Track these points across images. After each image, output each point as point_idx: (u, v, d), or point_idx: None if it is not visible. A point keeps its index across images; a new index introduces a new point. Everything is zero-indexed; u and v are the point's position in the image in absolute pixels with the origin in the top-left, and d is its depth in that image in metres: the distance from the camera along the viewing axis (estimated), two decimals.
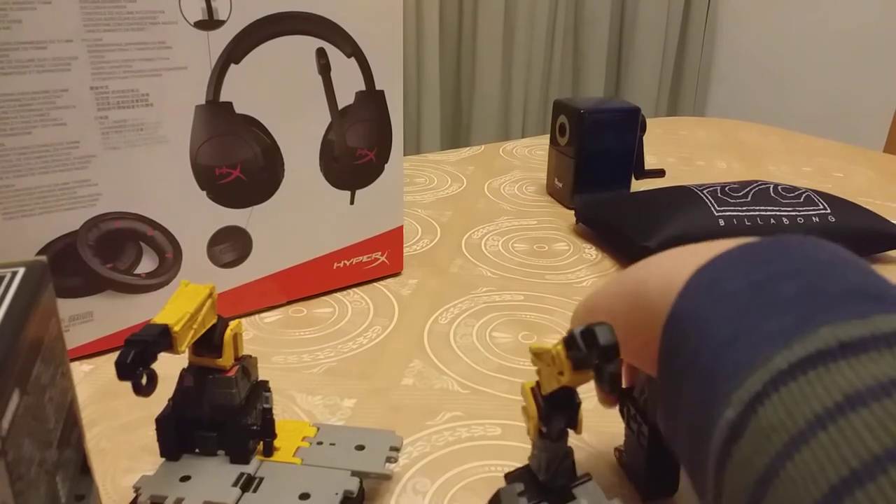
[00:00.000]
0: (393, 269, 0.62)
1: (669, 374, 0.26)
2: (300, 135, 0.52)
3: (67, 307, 0.47)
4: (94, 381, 0.47)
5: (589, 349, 0.26)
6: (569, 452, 0.31)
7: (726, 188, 0.67)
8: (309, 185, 0.54)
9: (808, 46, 2.32)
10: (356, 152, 0.55)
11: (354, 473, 0.34)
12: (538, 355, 0.30)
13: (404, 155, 0.60)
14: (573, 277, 0.63)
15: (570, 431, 0.31)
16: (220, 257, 0.52)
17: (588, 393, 0.44)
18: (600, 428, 0.43)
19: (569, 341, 0.26)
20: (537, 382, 0.31)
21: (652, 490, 0.37)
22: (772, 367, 0.21)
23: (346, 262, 0.58)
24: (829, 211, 0.65)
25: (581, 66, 2.43)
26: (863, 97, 2.21)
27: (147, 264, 0.49)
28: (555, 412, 0.30)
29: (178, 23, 0.45)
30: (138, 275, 0.48)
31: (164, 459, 0.34)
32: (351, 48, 0.52)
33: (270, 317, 0.55)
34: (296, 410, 0.44)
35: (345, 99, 0.53)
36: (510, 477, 0.33)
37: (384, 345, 0.52)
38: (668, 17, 2.47)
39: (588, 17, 2.34)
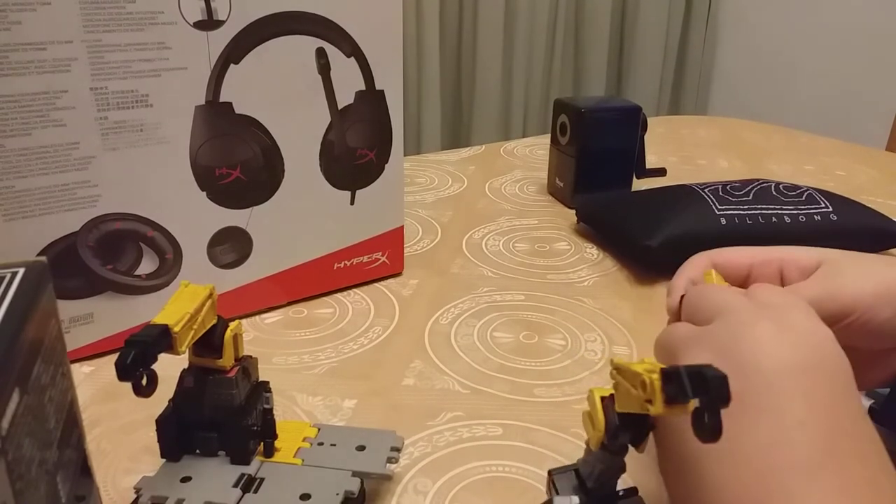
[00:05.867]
0: (394, 270, 0.62)
1: None
2: (300, 135, 0.52)
3: (68, 309, 0.47)
4: (94, 382, 0.47)
5: (695, 393, 0.23)
6: (623, 466, 0.30)
7: (728, 187, 0.66)
8: (309, 185, 0.54)
9: (810, 44, 2.32)
10: (356, 152, 0.55)
11: (355, 474, 0.34)
12: (621, 372, 0.27)
13: (405, 155, 0.60)
14: (574, 277, 0.63)
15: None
16: (221, 258, 0.52)
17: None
18: None
19: (670, 376, 0.24)
20: (611, 394, 0.28)
21: None
22: None
23: (346, 262, 0.58)
24: (831, 209, 0.65)
25: (582, 64, 2.42)
26: (865, 95, 2.20)
27: (147, 265, 0.49)
28: (623, 430, 0.28)
29: (178, 23, 0.45)
30: (138, 276, 0.48)
31: (164, 460, 0.34)
32: (351, 48, 0.52)
33: (271, 317, 0.55)
34: (296, 411, 0.44)
35: (345, 99, 0.53)
36: (555, 472, 0.32)
37: (385, 345, 0.52)
38: (670, 15, 2.47)
39: (589, 16, 2.34)
